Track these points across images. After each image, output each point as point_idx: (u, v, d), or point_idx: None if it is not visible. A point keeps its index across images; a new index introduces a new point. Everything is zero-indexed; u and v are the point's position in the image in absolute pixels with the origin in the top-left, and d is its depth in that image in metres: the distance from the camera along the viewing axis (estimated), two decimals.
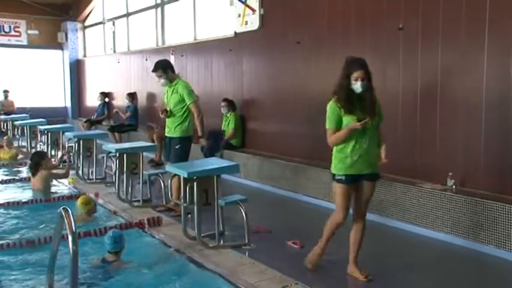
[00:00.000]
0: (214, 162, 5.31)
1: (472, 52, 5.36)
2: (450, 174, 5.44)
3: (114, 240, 4.33)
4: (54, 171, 7.64)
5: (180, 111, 6.17)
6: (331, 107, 4.16)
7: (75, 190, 7.42)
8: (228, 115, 9.00)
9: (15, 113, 14.39)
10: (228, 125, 9.00)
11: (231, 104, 9.04)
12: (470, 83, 5.40)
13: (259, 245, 4.89)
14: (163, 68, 6.20)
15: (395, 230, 5.62)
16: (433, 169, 5.78)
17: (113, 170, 6.74)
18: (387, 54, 6.29)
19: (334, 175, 4.18)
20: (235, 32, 9.20)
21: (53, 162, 8.21)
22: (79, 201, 5.82)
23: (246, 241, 4.89)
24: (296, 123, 7.91)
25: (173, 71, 6.32)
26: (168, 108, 6.25)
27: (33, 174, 7.20)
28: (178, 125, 6.17)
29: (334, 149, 4.19)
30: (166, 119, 6.30)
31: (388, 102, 6.27)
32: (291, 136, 8.00)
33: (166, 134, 6.36)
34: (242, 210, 4.87)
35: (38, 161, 7.19)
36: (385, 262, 4.63)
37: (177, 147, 6.14)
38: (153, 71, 6.26)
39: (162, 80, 6.22)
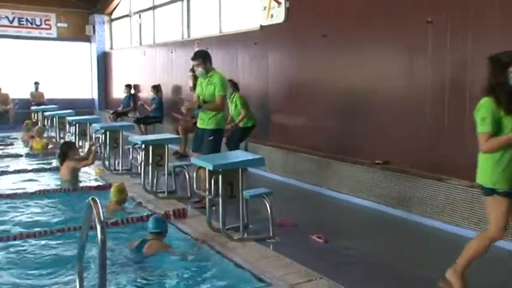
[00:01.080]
0: (240, 155, 5.33)
1: (504, 43, 5.24)
2: None
3: (156, 220, 4.54)
4: (80, 161, 7.75)
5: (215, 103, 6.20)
6: (486, 106, 3.53)
7: (102, 180, 7.54)
8: (232, 96, 8.73)
9: (45, 104, 14.67)
10: (235, 108, 8.72)
11: (234, 85, 8.79)
12: None
13: (283, 239, 4.90)
14: (203, 58, 6.25)
15: (429, 229, 5.56)
16: (461, 165, 5.69)
17: (139, 162, 6.82)
18: (415, 48, 6.21)
19: (491, 189, 3.56)
20: (260, 25, 9.18)
21: (81, 154, 8.32)
22: (113, 188, 5.87)
23: (271, 234, 4.90)
24: (321, 117, 7.87)
25: (211, 62, 6.36)
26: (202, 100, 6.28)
27: (61, 164, 7.34)
28: (212, 117, 6.19)
29: (487, 156, 3.59)
30: (199, 111, 6.34)
31: (415, 96, 6.23)
32: (315, 130, 7.98)
33: (199, 126, 6.36)
34: (267, 204, 4.88)
35: (65, 151, 7.31)
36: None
37: (210, 138, 6.16)
38: (193, 59, 6.30)
39: (200, 69, 6.23)
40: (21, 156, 9.84)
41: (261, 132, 9.09)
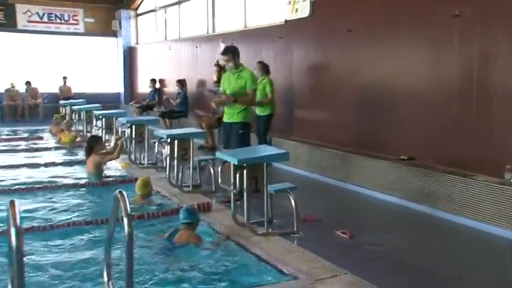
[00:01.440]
0: (264, 150, 5.34)
1: None
2: (508, 167, 5.25)
3: (186, 211, 4.63)
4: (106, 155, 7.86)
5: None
6: None
7: (128, 174, 7.64)
8: (262, 79, 8.41)
9: (73, 98, 14.93)
10: (262, 90, 8.36)
11: (265, 68, 8.65)
12: None
13: (308, 234, 4.90)
14: (233, 53, 6.35)
15: (451, 224, 5.50)
16: (488, 161, 5.61)
17: (164, 156, 6.89)
18: (441, 42, 6.12)
19: None
20: (285, 20, 9.16)
21: (107, 147, 8.44)
22: (139, 182, 5.96)
23: (295, 229, 4.90)
24: (345, 112, 7.84)
25: (239, 57, 6.44)
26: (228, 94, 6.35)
27: (87, 157, 7.45)
28: (241, 111, 6.27)
29: None
30: (226, 106, 6.41)
31: (441, 92, 6.15)
32: (340, 125, 7.94)
33: (226, 120, 6.42)
34: (291, 198, 4.89)
35: (92, 145, 7.39)
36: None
37: (240, 132, 6.25)
38: (223, 54, 6.41)
39: (230, 64, 6.32)
40: (50, 149, 10.05)
41: (285, 127, 9.09)
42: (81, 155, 8.89)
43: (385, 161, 6.57)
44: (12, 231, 2.57)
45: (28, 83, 16.17)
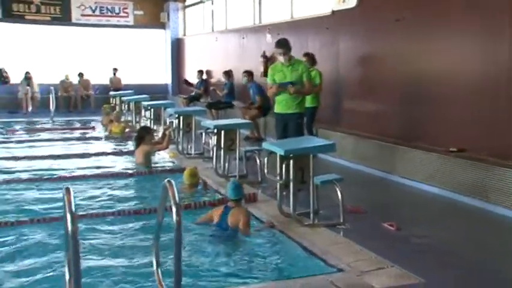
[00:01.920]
0: (311, 141, 5.33)
1: None
2: None
3: (236, 186, 4.78)
4: (155, 145, 8.02)
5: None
6: None
7: (175, 164, 7.79)
8: (311, 70, 8.02)
9: (123, 90, 15.30)
10: (312, 81, 7.99)
11: (312, 59, 8.58)
12: None
13: (354, 225, 4.87)
14: (287, 46, 6.55)
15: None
16: None
17: (211, 146, 6.98)
18: (494, 31, 5.91)
19: None
20: (332, 10, 9.06)
21: (156, 138, 8.61)
22: (186, 172, 6.07)
23: (341, 220, 4.88)
24: (393, 104, 7.70)
25: (291, 50, 6.62)
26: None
27: (136, 147, 7.62)
28: (299, 102, 6.56)
29: None
30: (279, 97, 6.55)
31: (493, 83, 5.95)
32: (387, 116, 7.81)
33: (280, 111, 6.59)
34: (338, 190, 4.86)
35: (142, 135, 7.55)
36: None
37: (298, 121, 6.55)
38: (278, 47, 6.60)
39: (285, 57, 6.49)
40: (100, 139, 10.36)
41: (332, 119, 9.02)
42: (130, 145, 9.14)
43: (434, 153, 6.43)
44: (68, 216, 2.67)
45: (81, 75, 16.71)
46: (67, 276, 2.77)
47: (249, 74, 10.86)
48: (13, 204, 5.58)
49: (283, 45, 6.55)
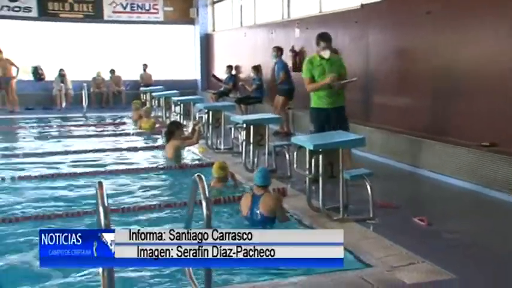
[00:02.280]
0: (340, 135, 5.31)
1: None
2: None
3: (265, 172, 4.83)
4: (185, 140, 8.09)
5: None
6: None
7: (205, 159, 7.86)
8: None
9: (153, 85, 15.47)
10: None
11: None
12: None
13: (384, 220, 4.84)
14: (331, 40, 6.51)
15: None
16: None
17: (240, 141, 7.01)
18: None
19: None
20: (361, 4, 8.97)
21: (185, 133, 8.69)
22: (216, 165, 6.06)
23: (371, 215, 4.86)
24: (423, 98, 7.57)
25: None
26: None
27: (167, 142, 7.71)
28: (341, 95, 6.48)
29: None
30: (322, 91, 6.38)
31: None
32: (417, 111, 7.69)
33: (326, 106, 6.37)
34: (367, 184, 4.83)
35: (172, 130, 7.64)
36: None
37: (343, 113, 6.46)
38: (323, 40, 6.45)
39: (327, 51, 6.38)
40: (131, 134, 10.51)
41: (361, 113, 8.94)
42: (159, 140, 9.25)
43: (465, 147, 6.32)
44: (101, 210, 2.74)
45: (112, 71, 16.96)
46: (100, 269, 2.84)
47: (278, 49, 10.84)
48: (48, 198, 5.73)
49: (328, 39, 6.42)
